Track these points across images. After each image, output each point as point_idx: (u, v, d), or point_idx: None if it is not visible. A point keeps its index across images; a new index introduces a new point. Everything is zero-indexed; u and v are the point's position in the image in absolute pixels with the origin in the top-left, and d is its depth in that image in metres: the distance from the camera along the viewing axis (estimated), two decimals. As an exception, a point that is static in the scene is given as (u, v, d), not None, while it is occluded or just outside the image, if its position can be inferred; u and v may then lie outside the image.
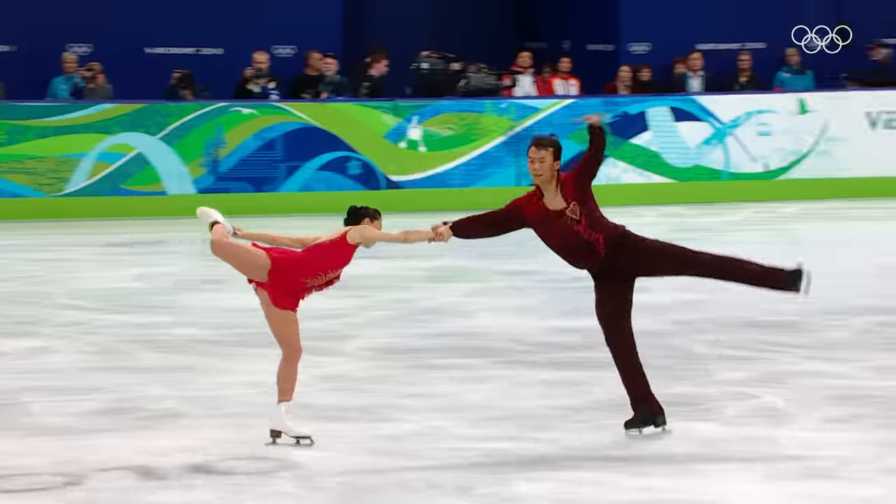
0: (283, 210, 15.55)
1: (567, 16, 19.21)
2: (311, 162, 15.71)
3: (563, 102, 16.20)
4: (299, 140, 15.66)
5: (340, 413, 7.14)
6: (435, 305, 10.28)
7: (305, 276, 6.50)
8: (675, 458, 6.28)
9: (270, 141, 15.62)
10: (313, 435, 6.46)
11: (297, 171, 15.71)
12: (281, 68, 16.79)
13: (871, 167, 16.32)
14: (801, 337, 8.78)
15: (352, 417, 7.06)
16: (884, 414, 6.91)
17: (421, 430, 6.80)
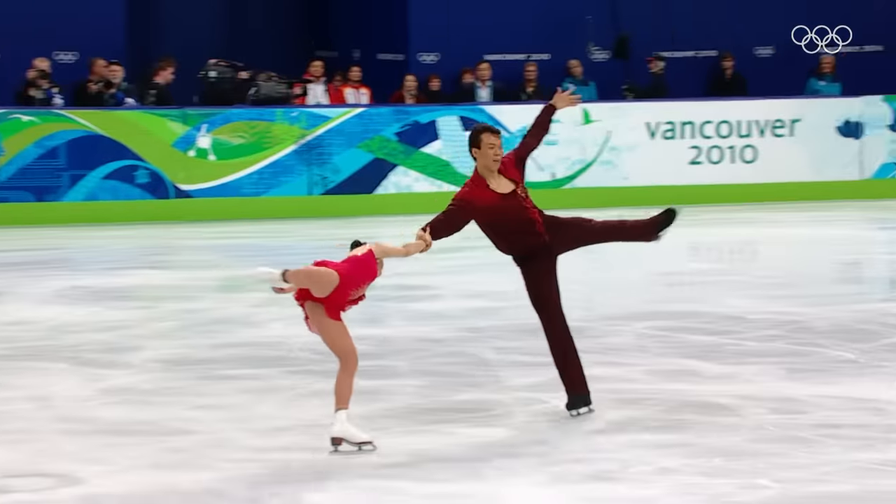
0: (66, 220, 15.16)
1: (358, 25, 19.26)
2: (96, 171, 15.35)
3: (354, 111, 16.23)
4: (84, 148, 15.29)
5: (126, 427, 6.98)
6: (225, 315, 10.15)
7: (352, 288, 6.60)
8: (463, 464, 6.33)
9: (52, 149, 15.20)
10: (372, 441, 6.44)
11: (82, 181, 15.33)
12: (63, 75, 16.37)
13: (651, 176, 16.83)
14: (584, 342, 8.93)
15: (138, 431, 6.90)
16: (661, 416, 7.10)
17: (209, 441, 6.70)
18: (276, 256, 13.73)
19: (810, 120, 17.19)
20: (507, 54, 18.46)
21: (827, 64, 18.64)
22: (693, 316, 9.86)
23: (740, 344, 8.92)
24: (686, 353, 8.61)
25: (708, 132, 17.03)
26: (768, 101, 17.23)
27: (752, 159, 17.10)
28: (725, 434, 6.74)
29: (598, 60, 18.29)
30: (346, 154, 16.05)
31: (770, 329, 9.41)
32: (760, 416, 7.06)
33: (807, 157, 17.16)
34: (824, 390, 7.60)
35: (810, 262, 13.09)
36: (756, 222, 15.68)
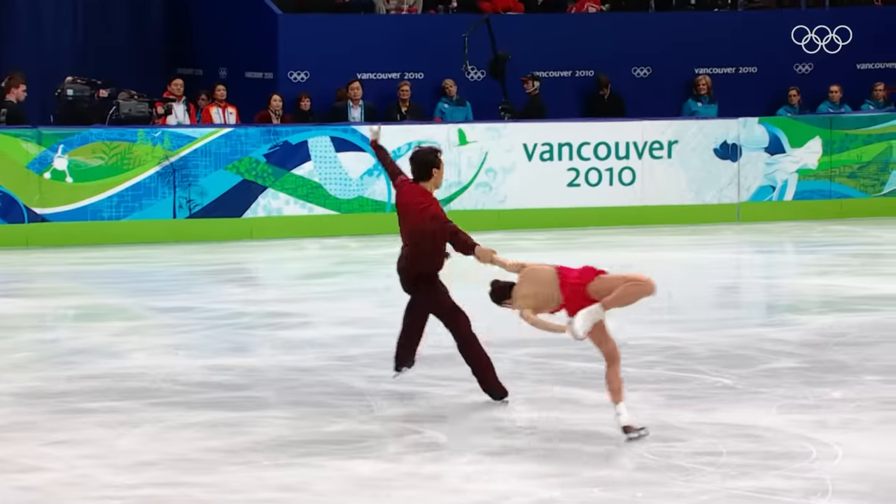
0: (-88, 246, 14.81)
1: (225, 42, 19.16)
2: (-57, 194, 15.03)
3: (221, 131, 16.11)
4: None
5: (-24, 465, 6.83)
6: (83, 346, 10.00)
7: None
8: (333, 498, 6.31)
9: None
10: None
11: (-72, 204, 15.00)
12: None
13: (528, 199, 16.98)
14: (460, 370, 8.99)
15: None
16: (540, 446, 7.16)
17: (66, 479, 6.58)
18: (139, 283, 13.57)
19: (688, 142, 17.51)
20: (380, 73, 18.51)
21: (703, 85, 19.03)
22: (571, 342, 9.93)
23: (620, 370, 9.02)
24: (565, 381, 8.70)
25: (586, 153, 17.24)
26: (646, 122, 17.51)
27: (630, 181, 17.35)
28: (604, 463, 6.81)
29: (473, 80, 18.43)
30: (212, 176, 15.93)
31: (649, 355, 9.54)
32: (639, 444, 7.15)
33: (685, 179, 17.46)
34: (703, 417, 7.74)
35: (689, 286, 13.32)
36: (635, 246, 15.91)
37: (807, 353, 9.56)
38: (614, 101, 18.84)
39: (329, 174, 16.25)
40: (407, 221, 8.10)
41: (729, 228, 17.09)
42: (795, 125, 17.86)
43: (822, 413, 7.85)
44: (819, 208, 17.66)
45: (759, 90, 19.38)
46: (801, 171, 17.70)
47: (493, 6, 19.18)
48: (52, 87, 17.27)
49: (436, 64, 18.42)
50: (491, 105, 18.04)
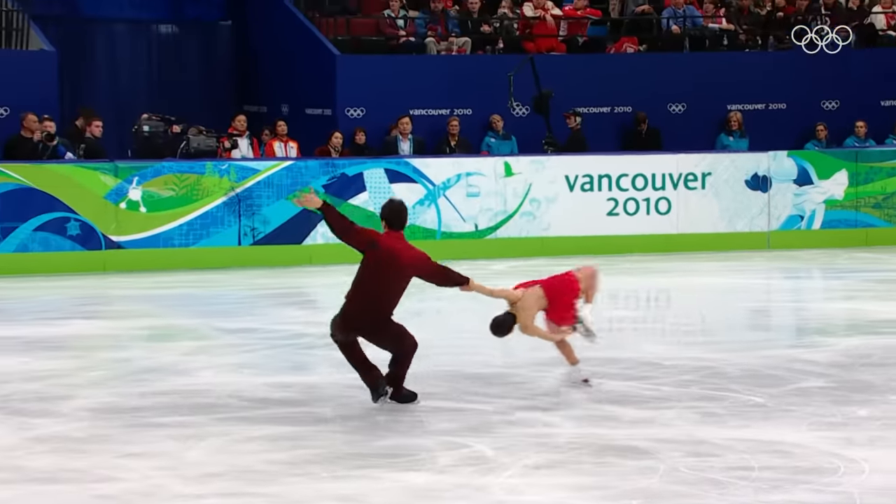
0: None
1: (287, 81, 19.29)
2: (27, 223, 15.17)
3: (282, 164, 16.19)
4: (15, 201, 15.10)
5: (54, 475, 6.87)
6: (155, 364, 10.04)
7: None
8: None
9: (-16, 202, 15.03)
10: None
11: (13, 232, 15.13)
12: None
13: (570, 227, 16.95)
14: (508, 388, 8.98)
15: (67, 479, 6.79)
16: (581, 459, 7.13)
17: (139, 489, 6.61)
18: (207, 306, 13.64)
19: (721, 174, 17.43)
20: (431, 109, 18.56)
21: (735, 120, 18.96)
22: (611, 362, 9.92)
23: (657, 389, 8.98)
24: (605, 399, 8.65)
25: (624, 185, 17.19)
26: (681, 155, 17.44)
27: (666, 211, 17.28)
28: (643, 477, 6.77)
29: (519, 115, 18.45)
30: (275, 206, 16.01)
31: (685, 374, 9.48)
32: (676, 459, 7.11)
33: (718, 209, 17.38)
34: (736, 434, 7.67)
35: (722, 309, 13.22)
36: (670, 272, 15.83)
37: (834, 374, 9.46)
38: (651, 136, 18.80)
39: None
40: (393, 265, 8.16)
41: (760, 255, 16.99)
42: (823, 158, 17.73)
43: (849, 430, 7.77)
44: (845, 237, 17.52)
45: (788, 125, 19.29)
46: (828, 201, 17.56)
47: (536, 47, 19.20)
48: (127, 123, 17.44)
49: (483, 101, 18.45)
50: (535, 139, 18.04)
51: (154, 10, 19.84)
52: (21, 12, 17.60)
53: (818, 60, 19.49)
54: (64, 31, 19.02)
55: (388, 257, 8.24)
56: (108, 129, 16.84)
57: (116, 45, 19.66)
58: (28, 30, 17.47)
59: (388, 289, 8.26)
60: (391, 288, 8.27)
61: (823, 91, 19.60)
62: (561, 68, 18.70)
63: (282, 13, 19.34)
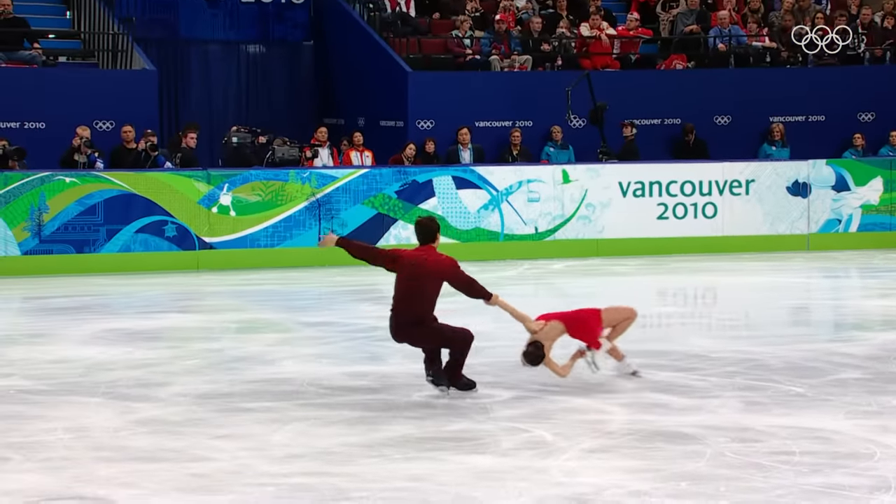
0: (103, 269, 15.16)
1: (362, 96, 19.38)
2: (130, 226, 15.36)
3: (358, 172, 16.26)
4: (119, 206, 15.31)
5: (154, 454, 6.95)
6: (243, 354, 10.13)
7: None
8: (455, 488, 6.30)
9: (92, 207, 15.23)
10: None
11: (117, 234, 15.33)
12: (100, 141, 16.42)
13: (623, 229, 16.87)
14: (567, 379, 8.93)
15: (165, 458, 6.87)
16: (633, 444, 7.09)
17: (230, 468, 6.67)
18: (290, 301, 13.73)
19: (763, 180, 17.25)
20: (495, 121, 18.55)
21: (777, 131, 18.77)
22: (661, 354, 9.86)
23: (704, 379, 8.92)
24: (656, 388, 8.60)
25: (673, 191, 17.08)
26: (727, 163, 17.29)
27: (712, 215, 17.14)
28: (691, 460, 6.72)
29: (576, 127, 18.38)
30: (352, 210, 16.08)
31: (730, 366, 9.40)
32: (722, 444, 7.05)
33: (761, 213, 17.21)
34: (778, 421, 7.60)
35: (765, 306, 13.09)
36: (716, 271, 15.70)
37: (870, 366, 9.33)
38: (699, 146, 18.66)
39: (450, 208, 16.32)
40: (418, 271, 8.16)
41: (800, 256, 16.80)
42: (859, 166, 17.49)
43: (884, 419, 7.66)
44: (880, 239, 17.29)
45: (827, 136, 19.06)
46: (864, 206, 17.33)
47: (592, 63, 19.12)
48: (219, 135, 17.61)
49: (543, 113, 18.42)
50: (591, 149, 17.98)
51: (244, 32, 20.01)
52: (126, 35, 17.83)
53: (855, 75, 19.24)
54: (163, 51, 19.25)
55: (411, 266, 8.23)
56: (201, 141, 17.01)
57: (210, 63, 19.86)
58: (132, 51, 17.70)
59: (420, 295, 8.20)
60: (422, 294, 8.20)
61: (860, 104, 19.34)
62: (615, 83, 18.61)
63: (358, 34, 19.43)
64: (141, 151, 15.88)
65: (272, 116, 19.68)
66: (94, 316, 12.40)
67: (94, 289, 14.28)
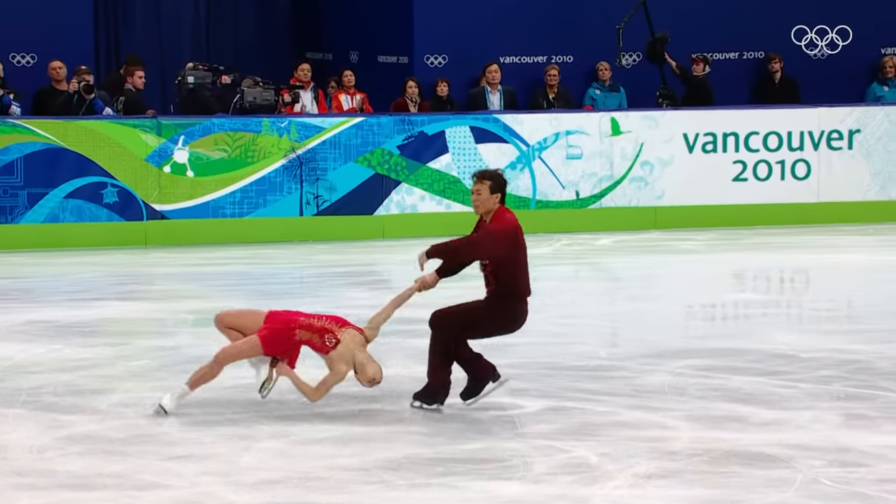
0: (24, 245, 15.23)
1: (355, 24, 19.37)
2: (57, 189, 15.42)
3: (351, 121, 16.29)
4: (43, 163, 15.37)
5: (89, 480, 7.01)
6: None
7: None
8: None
9: (7, 164, 15.29)
10: None
11: (41, 200, 15.40)
12: (20, 80, 16.46)
13: (688, 195, 16.87)
14: (614, 384, 8.98)
15: (104, 485, 6.93)
16: (702, 469, 7.12)
17: (187, 497, 6.73)
18: (263, 286, 13.78)
19: (872, 131, 17.24)
20: (525, 56, 18.55)
21: (891, 67, 18.72)
22: (737, 354, 9.88)
23: (792, 386, 8.94)
24: (730, 397, 8.63)
25: (754, 145, 17.08)
26: (823, 109, 17.28)
27: (804, 175, 17.15)
28: (776, 490, 6.75)
29: (629, 65, 18.35)
30: (342, 170, 16.13)
31: (826, 369, 9.43)
32: (815, 469, 7.08)
33: (868, 173, 17.21)
34: (888, 440, 7.62)
35: (872, 292, 13.11)
36: (809, 247, 15.71)
37: None
38: (787, 85, 18.63)
39: (468, 167, 16.34)
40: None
41: (919, 228, 16.82)
42: None
43: None
44: None
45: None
46: None
47: (651, -19, 19.07)
48: (172, 73, 17.65)
49: (587, 45, 18.40)
50: (648, 91, 17.96)
51: (202, -58, 20.02)
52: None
53: None
54: (99, -33, 19.28)
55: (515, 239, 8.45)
56: (150, 81, 17.05)
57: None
58: (58, -34, 17.76)
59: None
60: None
61: None
62: (678, 6, 18.57)
63: (350, -57, 19.45)
64: (73, 94, 15.95)
65: (239, 50, 19.71)
66: (13, 304, 12.47)
67: (13, 269, 14.36)
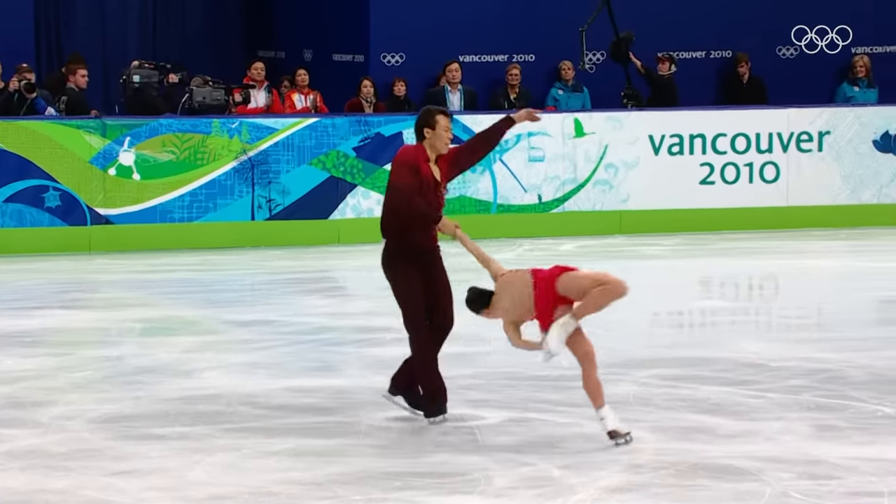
0: (-39, 251, 15.16)
1: (310, 21, 19.34)
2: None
3: (305, 122, 16.26)
4: (-18, 166, 15.31)
5: (31, 497, 6.97)
6: (151, 364, 10.15)
7: None
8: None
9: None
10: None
11: (-21, 204, 15.34)
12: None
13: (654, 199, 16.90)
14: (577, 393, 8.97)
15: (47, 501, 6.90)
16: (668, 482, 7.13)
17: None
18: (213, 293, 13.74)
19: (843, 133, 17.33)
20: (485, 55, 18.56)
21: (861, 67, 18.81)
22: (705, 363, 9.91)
23: (760, 396, 8.97)
24: (697, 408, 8.66)
25: (722, 146, 17.14)
26: (793, 109, 17.35)
27: (773, 178, 17.22)
28: (744, 503, 6.76)
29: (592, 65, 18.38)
30: (295, 172, 16.09)
31: (795, 379, 9.46)
32: (785, 482, 7.10)
33: (839, 176, 17.29)
34: (859, 451, 7.66)
35: (842, 300, 13.17)
36: (779, 252, 15.77)
37: (982, 379, 9.42)
38: (755, 86, 18.71)
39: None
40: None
41: (891, 233, 16.88)
42: (971, 112, 17.60)
43: None
44: None
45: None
46: (977, 165, 17.46)
47: (615, -22, 19.13)
48: (116, 72, 17.58)
49: (549, 44, 18.43)
50: (612, 91, 18.00)
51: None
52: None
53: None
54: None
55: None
56: (93, 80, 16.98)
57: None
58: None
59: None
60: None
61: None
62: (643, 4, 18.61)
63: (304, -63, 19.43)
64: (13, 93, 15.87)
65: (188, 48, 19.65)
66: (-49, 313, 12.40)
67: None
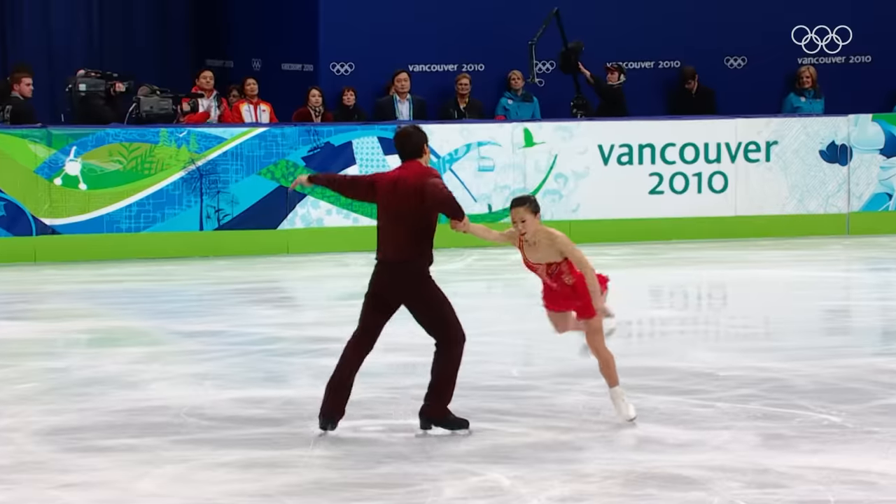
0: None
1: (258, 31, 19.31)
2: (-60, 203, 15.25)
3: (253, 131, 16.23)
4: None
5: (-23, 510, 6.95)
6: (97, 375, 10.10)
7: None
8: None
9: None
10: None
11: (-78, 215, 15.23)
12: None
13: (604, 208, 16.95)
14: (526, 403, 9.01)
15: (-8, 515, 6.87)
16: (617, 491, 7.16)
17: (79, 528, 6.67)
18: (160, 304, 13.68)
19: (789, 143, 17.43)
20: (434, 64, 18.58)
21: (808, 77, 18.93)
22: (653, 372, 9.94)
23: (709, 405, 9.00)
24: (645, 417, 8.67)
25: (671, 156, 17.21)
26: (740, 120, 17.45)
27: (721, 188, 17.30)
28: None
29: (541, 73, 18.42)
30: (244, 182, 16.06)
31: (743, 388, 9.50)
32: (733, 491, 7.13)
33: (786, 186, 17.39)
34: (806, 460, 7.70)
35: (790, 308, 13.24)
36: (727, 262, 15.84)
37: (928, 388, 9.50)
38: (703, 96, 18.80)
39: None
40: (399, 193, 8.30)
41: (837, 242, 17.00)
42: (916, 124, 17.75)
43: (945, 457, 7.81)
44: (942, 220, 17.54)
45: (874, 83, 19.25)
46: (921, 176, 17.59)
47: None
48: (61, 80, 17.49)
49: (499, 53, 18.46)
50: (562, 101, 18.06)
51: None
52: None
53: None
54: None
55: (391, 188, 8.29)
56: (38, 89, 16.88)
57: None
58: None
59: (406, 226, 8.19)
60: (411, 224, 8.19)
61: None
62: (592, 15, 18.68)
63: (252, -55, 19.40)
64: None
65: (135, 56, 19.56)
66: None
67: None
